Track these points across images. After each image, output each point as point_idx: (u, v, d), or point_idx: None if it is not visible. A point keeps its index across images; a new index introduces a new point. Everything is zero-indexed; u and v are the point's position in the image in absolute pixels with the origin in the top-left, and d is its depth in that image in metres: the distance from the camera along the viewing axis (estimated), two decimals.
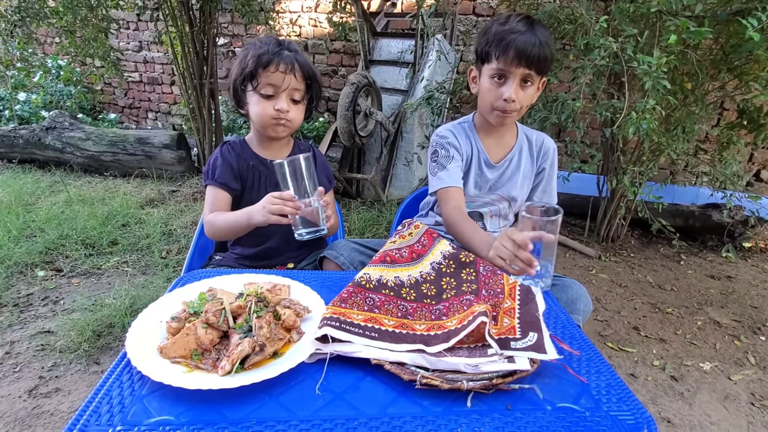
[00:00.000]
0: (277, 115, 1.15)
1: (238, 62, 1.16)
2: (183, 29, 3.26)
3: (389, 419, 0.60)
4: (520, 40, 1.08)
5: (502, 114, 1.17)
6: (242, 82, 1.15)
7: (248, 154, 1.25)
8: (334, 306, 0.79)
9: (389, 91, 3.44)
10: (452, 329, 0.73)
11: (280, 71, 1.12)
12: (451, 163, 1.23)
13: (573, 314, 1.02)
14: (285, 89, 1.14)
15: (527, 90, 1.15)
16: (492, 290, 0.83)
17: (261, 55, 1.12)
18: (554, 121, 2.05)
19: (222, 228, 1.16)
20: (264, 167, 1.25)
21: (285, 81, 1.13)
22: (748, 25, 1.55)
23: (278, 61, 1.12)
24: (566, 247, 2.78)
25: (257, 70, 1.12)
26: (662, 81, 1.61)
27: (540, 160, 1.31)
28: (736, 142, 2.36)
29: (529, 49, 1.08)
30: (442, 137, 1.28)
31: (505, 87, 1.13)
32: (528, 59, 1.09)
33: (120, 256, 2.41)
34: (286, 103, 1.15)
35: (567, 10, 2.19)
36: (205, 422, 0.58)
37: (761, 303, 2.28)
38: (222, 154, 1.24)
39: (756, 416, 1.55)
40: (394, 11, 3.87)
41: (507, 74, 1.12)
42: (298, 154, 1.29)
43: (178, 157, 3.69)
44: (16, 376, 1.58)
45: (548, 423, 0.60)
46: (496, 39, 1.11)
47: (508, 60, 1.10)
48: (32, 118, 4.54)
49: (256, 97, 1.15)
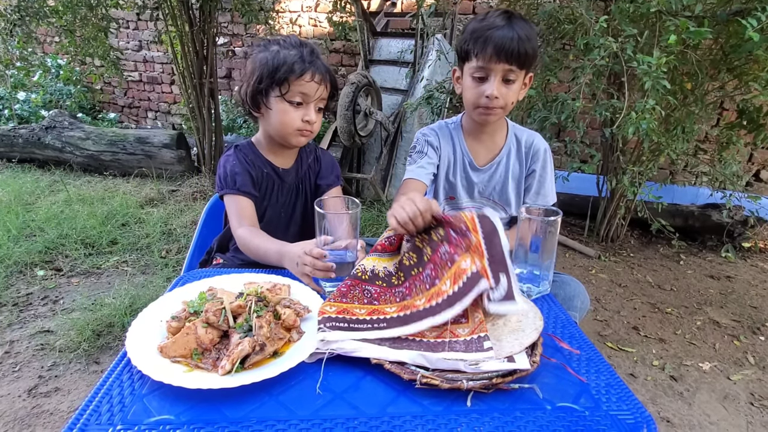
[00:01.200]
0: (305, 126, 1.11)
1: (261, 63, 1.08)
2: (183, 29, 3.26)
3: (389, 418, 0.60)
4: (498, 35, 1.05)
5: (485, 111, 1.14)
6: (270, 86, 1.08)
7: (261, 161, 1.20)
8: (336, 302, 0.79)
9: (389, 91, 3.44)
10: (450, 294, 0.74)
11: (315, 81, 1.08)
12: (423, 159, 1.23)
13: (570, 311, 1.02)
14: (315, 99, 1.10)
15: (511, 86, 1.11)
16: (459, 230, 0.82)
17: (295, 62, 1.06)
18: (554, 121, 2.05)
19: (253, 252, 1.09)
20: (276, 176, 1.21)
21: (318, 91, 1.09)
22: (747, 25, 1.55)
23: (314, 70, 1.07)
24: (566, 246, 2.78)
25: (289, 77, 1.05)
26: (662, 81, 1.61)
27: (529, 161, 1.26)
28: (736, 142, 2.36)
29: (508, 43, 1.05)
30: (424, 134, 1.27)
31: (486, 84, 1.10)
32: (508, 54, 1.05)
33: (120, 256, 2.41)
34: (314, 114, 1.11)
35: (567, 10, 2.19)
36: (205, 421, 0.58)
37: (760, 303, 2.28)
38: (239, 160, 1.18)
39: (755, 416, 1.56)
40: (394, 11, 3.87)
41: (488, 71, 1.09)
42: (306, 157, 1.26)
43: (178, 156, 3.69)
44: (16, 375, 1.58)
45: (548, 422, 0.60)
46: (474, 36, 1.09)
47: (487, 57, 1.07)
48: (32, 117, 4.54)
49: (283, 105, 1.09)
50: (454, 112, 3.50)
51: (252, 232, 1.10)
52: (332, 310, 0.77)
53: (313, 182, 1.28)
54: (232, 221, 1.16)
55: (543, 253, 0.88)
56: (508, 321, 0.77)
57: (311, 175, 1.28)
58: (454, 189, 1.28)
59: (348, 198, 0.90)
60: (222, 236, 1.30)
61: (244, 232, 1.11)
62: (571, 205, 3.02)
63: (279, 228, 1.25)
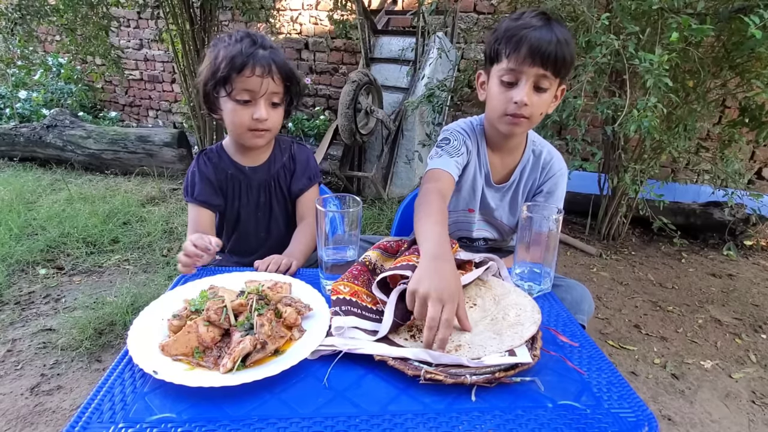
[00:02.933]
0: (255, 125, 1.05)
1: (208, 62, 1.04)
2: (183, 27, 3.25)
3: (390, 416, 0.60)
4: (535, 35, 0.95)
5: (513, 121, 1.02)
6: (214, 87, 1.03)
7: (226, 162, 1.17)
8: (349, 282, 0.81)
9: (390, 89, 3.43)
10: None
11: (257, 75, 1.00)
12: (456, 157, 1.11)
13: (578, 315, 1.00)
14: (263, 94, 1.03)
15: (542, 95, 1.00)
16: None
17: (234, 57, 1.00)
18: (555, 119, 2.05)
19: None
20: (243, 175, 1.17)
21: (263, 86, 1.02)
22: (750, 22, 1.55)
23: (254, 63, 1.00)
24: (567, 245, 2.77)
25: (231, 75, 1.00)
26: (664, 78, 1.61)
27: (541, 178, 1.18)
28: (738, 140, 2.35)
29: (545, 45, 0.94)
30: (461, 132, 1.15)
31: (516, 90, 1.00)
32: (543, 57, 0.95)
33: (121, 254, 2.41)
34: (264, 110, 1.04)
35: (568, 7, 2.19)
36: (206, 419, 0.58)
37: (762, 301, 2.27)
38: (199, 167, 1.15)
39: (757, 414, 1.55)
40: (394, 9, 3.86)
41: (519, 75, 0.99)
42: (281, 155, 1.21)
43: (179, 155, 3.69)
44: (18, 373, 1.58)
45: (549, 420, 0.60)
46: (507, 35, 0.98)
47: (521, 58, 0.96)
48: (33, 116, 4.54)
49: (230, 104, 1.04)
50: (455, 110, 3.50)
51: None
52: (346, 290, 0.78)
53: (288, 183, 1.22)
54: (188, 229, 1.16)
55: (545, 251, 0.88)
56: (507, 315, 0.77)
57: (286, 174, 1.22)
58: (474, 201, 1.19)
59: (349, 196, 0.90)
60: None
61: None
62: (572, 204, 3.01)
63: (259, 229, 1.23)
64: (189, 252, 0.93)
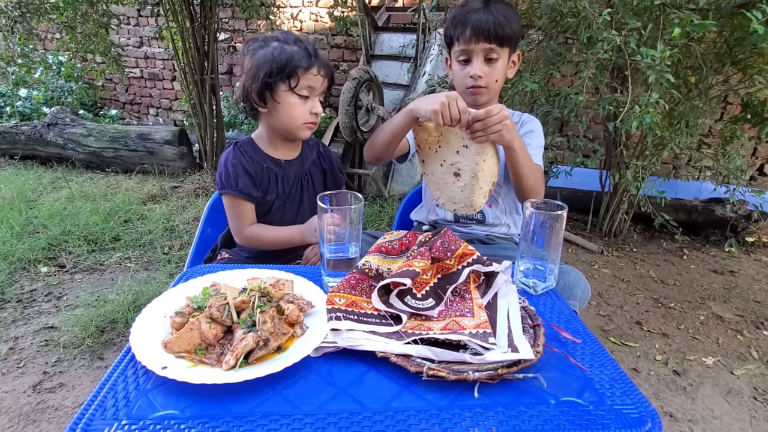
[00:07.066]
0: (314, 119, 1.15)
1: (267, 59, 1.10)
2: (184, 24, 3.25)
3: (393, 413, 0.60)
4: (475, 17, 1.12)
5: (474, 91, 1.18)
6: (279, 81, 1.10)
7: (260, 156, 1.21)
8: (345, 293, 0.79)
9: (391, 86, 3.43)
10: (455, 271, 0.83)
11: (321, 75, 1.13)
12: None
13: (570, 300, 1.02)
14: (319, 92, 1.15)
15: (494, 65, 1.16)
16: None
17: (303, 57, 1.10)
18: (557, 116, 2.04)
19: (270, 243, 1.19)
20: (279, 168, 1.22)
21: (322, 84, 1.15)
22: (752, 18, 1.54)
23: (319, 64, 1.12)
24: (569, 242, 2.77)
25: (298, 71, 1.09)
26: (666, 75, 1.60)
27: (519, 130, 1.27)
28: (740, 137, 2.35)
29: (484, 23, 1.11)
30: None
31: (470, 66, 1.16)
32: (486, 34, 1.11)
33: (122, 252, 2.42)
34: (320, 106, 1.16)
35: (570, 3, 2.18)
36: (209, 416, 0.58)
37: (764, 298, 2.27)
38: (238, 159, 1.19)
39: (759, 410, 1.56)
40: (395, 5, 3.85)
41: (470, 53, 1.15)
42: (309, 151, 1.29)
43: (180, 153, 3.69)
44: (21, 371, 1.58)
45: (552, 417, 0.60)
46: (455, 22, 1.15)
47: (467, 38, 1.13)
48: (33, 114, 4.55)
49: (293, 98, 1.12)
50: None
51: (261, 228, 1.19)
52: (341, 302, 0.77)
53: (320, 178, 1.30)
54: (233, 223, 1.20)
55: (548, 247, 0.88)
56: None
57: (316, 171, 1.30)
58: None
59: (351, 193, 0.90)
60: (227, 233, 1.30)
61: (254, 230, 1.18)
62: (573, 200, 3.01)
63: (285, 220, 1.26)
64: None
